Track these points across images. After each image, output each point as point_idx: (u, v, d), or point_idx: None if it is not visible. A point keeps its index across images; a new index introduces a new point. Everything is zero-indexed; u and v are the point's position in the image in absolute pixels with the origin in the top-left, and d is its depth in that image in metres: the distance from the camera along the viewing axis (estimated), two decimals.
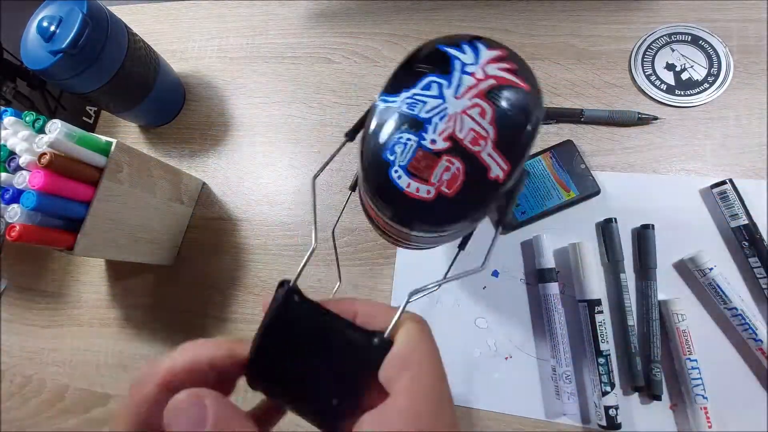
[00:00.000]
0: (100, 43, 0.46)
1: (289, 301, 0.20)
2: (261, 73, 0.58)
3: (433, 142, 0.21)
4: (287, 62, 0.57)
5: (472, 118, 0.21)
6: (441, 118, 0.22)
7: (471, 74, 0.22)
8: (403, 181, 0.21)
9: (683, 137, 0.43)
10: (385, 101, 0.22)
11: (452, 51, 0.23)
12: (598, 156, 0.45)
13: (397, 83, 0.23)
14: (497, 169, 0.21)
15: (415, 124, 0.22)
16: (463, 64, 0.22)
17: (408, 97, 0.22)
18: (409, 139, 0.22)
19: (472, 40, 0.23)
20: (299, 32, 0.58)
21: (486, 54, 0.23)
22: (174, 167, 0.51)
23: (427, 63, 0.23)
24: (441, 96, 0.22)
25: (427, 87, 0.22)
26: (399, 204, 0.21)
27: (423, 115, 0.22)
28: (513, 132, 0.21)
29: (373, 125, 0.22)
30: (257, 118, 0.56)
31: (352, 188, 0.30)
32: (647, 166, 0.43)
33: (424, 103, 0.22)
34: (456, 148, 0.21)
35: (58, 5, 0.46)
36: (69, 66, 0.45)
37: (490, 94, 0.22)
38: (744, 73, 0.44)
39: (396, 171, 0.21)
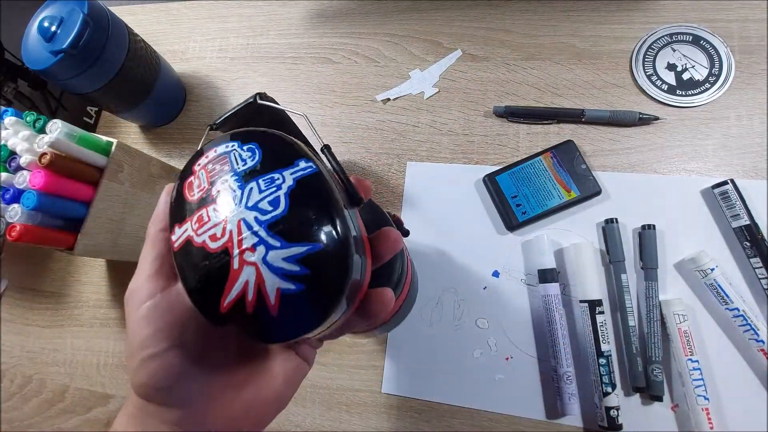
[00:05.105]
0: (101, 44, 0.46)
1: None
2: (261, 73, 0.58)
3: None
4: (288, 62, 0.57)
5: None
6: None
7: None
8: None
9: (684, 137, 0.43)
10: None
11: None
12: (599, 156, 0.44)
13: None
14: None
15: None
16: None
17: None
18: None
19: None
20: (300, 32, 0.58)
21: None
22: (175, 167, 0.51)
23: None
24: None
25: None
26: None
27: None
28: None
29: None
30: None
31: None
32: (648, 166, 0.43)
33: None
34: None
35: (58, 5, 0.46)
36: (70, 66, 0.45)
37: None
38: (745, 73, 0.44)
39: None
